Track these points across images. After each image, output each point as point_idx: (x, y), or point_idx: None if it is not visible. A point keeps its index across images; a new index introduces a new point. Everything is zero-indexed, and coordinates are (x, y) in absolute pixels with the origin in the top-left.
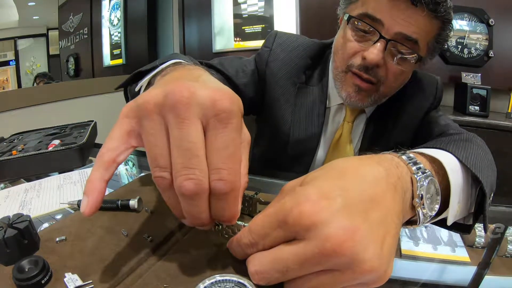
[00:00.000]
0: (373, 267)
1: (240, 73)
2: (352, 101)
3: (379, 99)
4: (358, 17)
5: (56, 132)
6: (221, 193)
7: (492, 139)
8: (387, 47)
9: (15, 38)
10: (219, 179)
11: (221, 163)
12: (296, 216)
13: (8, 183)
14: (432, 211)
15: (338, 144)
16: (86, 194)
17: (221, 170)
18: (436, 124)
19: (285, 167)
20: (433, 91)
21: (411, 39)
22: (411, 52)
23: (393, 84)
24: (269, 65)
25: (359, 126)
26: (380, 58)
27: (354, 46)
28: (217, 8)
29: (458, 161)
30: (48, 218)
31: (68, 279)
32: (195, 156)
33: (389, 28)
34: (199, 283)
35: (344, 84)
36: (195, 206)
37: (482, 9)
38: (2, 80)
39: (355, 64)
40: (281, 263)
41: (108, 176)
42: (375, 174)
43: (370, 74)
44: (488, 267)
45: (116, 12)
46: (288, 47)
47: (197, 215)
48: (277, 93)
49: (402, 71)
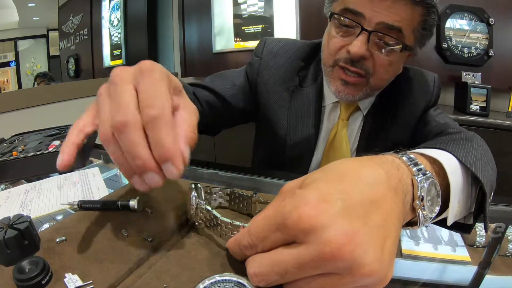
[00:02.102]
0: (373, 271)
1: (228, 86)
2: (342, 95)
3: (371, 91)
4: (339, 12)
5: (57, 133)
6: (150, 118)
7: (493, 139)
8: (370, 39)
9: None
10: (146, 106)
11: (147, 98)
12: (295, 219)
13: (8, 184)
14: (433, 212)
15: (333, 143)
16: (61, 152)
17: (148, 101)
18: (435, 122)
19: (285, 170)
20: (430, 88)
21: (394, 28)
22: (396, 41)
23: (383, 76)
24: (261, 74)
25: (355, 124)
26: (364, 50)
27: (339, 42)
28: (217, 9)
29: (458, 161)
30: (49, 219)
31: (68, 279)
32: (125, 103)
33: (371, 19)
34: (199, 283)
35: (332, 78)
36: (130, 141)
37: (482, 8)
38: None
39: (342, 58)
40: (280, 266)
41: (78, 140)
42: (375, 177)
43: (357, 66)
44: (488, 266)
45: (116, 13)
46: (277, 54)
47: (136, 152)
48: (271, 100)
49: (391, 62)
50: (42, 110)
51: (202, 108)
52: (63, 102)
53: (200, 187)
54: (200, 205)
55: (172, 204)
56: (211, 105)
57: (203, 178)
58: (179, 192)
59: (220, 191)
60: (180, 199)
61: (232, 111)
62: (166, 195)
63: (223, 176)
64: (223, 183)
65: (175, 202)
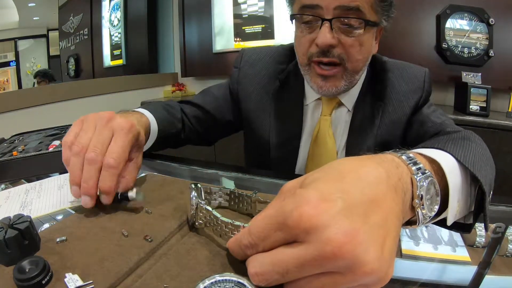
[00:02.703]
0: (374, 269)
1: (211, 100)
2: (324, 90)
3: (352, 77)
4: (298, 12)
5: (57, 133)
6: (109, 166)
7: (493, 139)
8: (333, 26)
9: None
10: (110, 158)
11: (113, 152)
12: (296, 219)
13: (8, 183)
14: (432, 211)
15: (317, 139)
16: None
17: (112, 154)
18: (431, 123)
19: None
20: (420, 84)
21: (352, 8)
22: (358, 20)
23: (357, 57)
24: (241, 83)
25: (339, 120)
26: (330, 38)
27: (307, 39)
28: (217, 9)
29: (456, 161)
30: (49, 219)
31: (69, 279)
32: (101, 144)
33: (328, 7)
34: (199, 283)
35: (312, 76)
36: (89, 171)
37: (482, 8)
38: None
39: (313, 53)
40: (281, 265)
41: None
42: (375, 176)
43: (329, 56)
44: (488, 266)
45: (116, 13)
46: (254, 62)
47: (88, 180)
48: (252, 106)
49: (360, 42)
50: (42, 110)
51: (191, 124)
52: (63, 102)
53: (200, 187)
54: (200, 205)
55: (172, 204)
56: (199, 119)
57: (202, 178)
58: (179, 192)
59: (220, 191)
60: (180, 199)
61: (219, 122)
62: (166, 195)
63: (223, 176)
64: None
65: (175, 202)
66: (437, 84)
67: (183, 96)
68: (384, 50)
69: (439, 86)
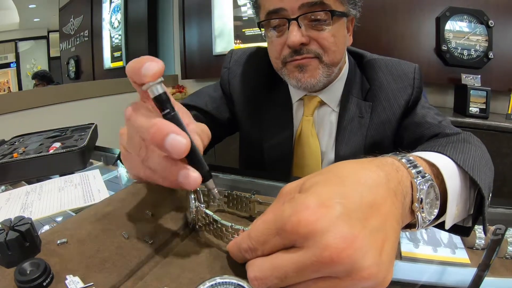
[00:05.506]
0: (372, 274)
1: (209, 100)
2: (304, 82)
3: (330, 70)
4: (264, 18)
5: (57, 135)
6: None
7: (492, 141)
8: (300, 25)
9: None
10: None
11: None
12: (294, 224)
13: (9, 185)
14: (431, 215)
15: (300, 140)
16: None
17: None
18: (427, 124)
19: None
20: (410, 82)
21: (315, 3)
22: (324, 13)
23: (333, 48)
24: (231, 83)
25: (323, 120)
26: (299, 37)
27: (278, 43)
28: (218, 11)
29: (455, 164)
30: (49, 221)
31: (70, 281)
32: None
33: (292, 8)
34: (199, 285)
35: (289, 72)
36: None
37: (481, 10)
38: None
39: (286, 55)
40: (280, 270)
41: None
42: (375, 179)
43: (303, 53)
44: (488, 268)
45: (117, 15)
46: (243, 62)
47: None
48: (243, 106)
49: (332, 34)
50: (42, 112)
51: None
52: (64, 103)
53: (199, 190)
54: (200, 208)
55: (172, 207)
56: (200, 122)
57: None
58: (179, 195)
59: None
60: (180, 202)
61: (220, 122)
62: (166, 197)
63: (223, 179)
64: (223, 185)
65: (175, 204)
66: (437, 86)
67: (183, 98)
68: (384, 52)
69: (438, 88)
